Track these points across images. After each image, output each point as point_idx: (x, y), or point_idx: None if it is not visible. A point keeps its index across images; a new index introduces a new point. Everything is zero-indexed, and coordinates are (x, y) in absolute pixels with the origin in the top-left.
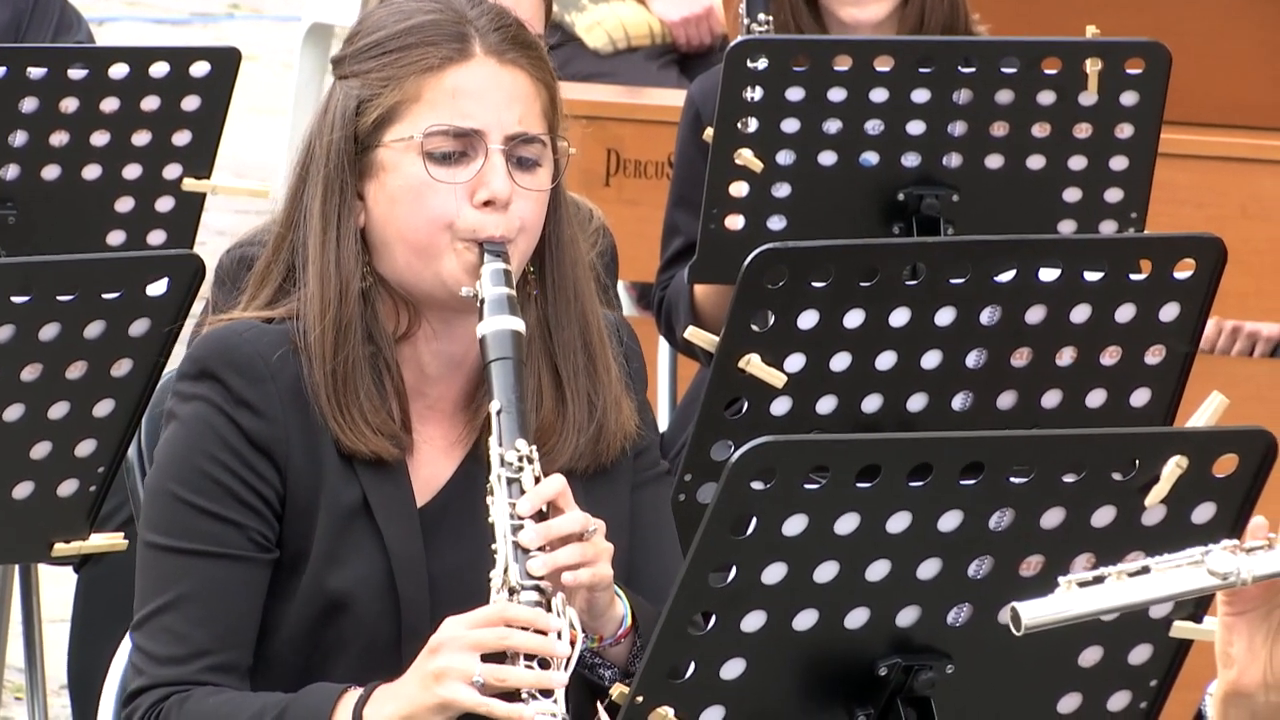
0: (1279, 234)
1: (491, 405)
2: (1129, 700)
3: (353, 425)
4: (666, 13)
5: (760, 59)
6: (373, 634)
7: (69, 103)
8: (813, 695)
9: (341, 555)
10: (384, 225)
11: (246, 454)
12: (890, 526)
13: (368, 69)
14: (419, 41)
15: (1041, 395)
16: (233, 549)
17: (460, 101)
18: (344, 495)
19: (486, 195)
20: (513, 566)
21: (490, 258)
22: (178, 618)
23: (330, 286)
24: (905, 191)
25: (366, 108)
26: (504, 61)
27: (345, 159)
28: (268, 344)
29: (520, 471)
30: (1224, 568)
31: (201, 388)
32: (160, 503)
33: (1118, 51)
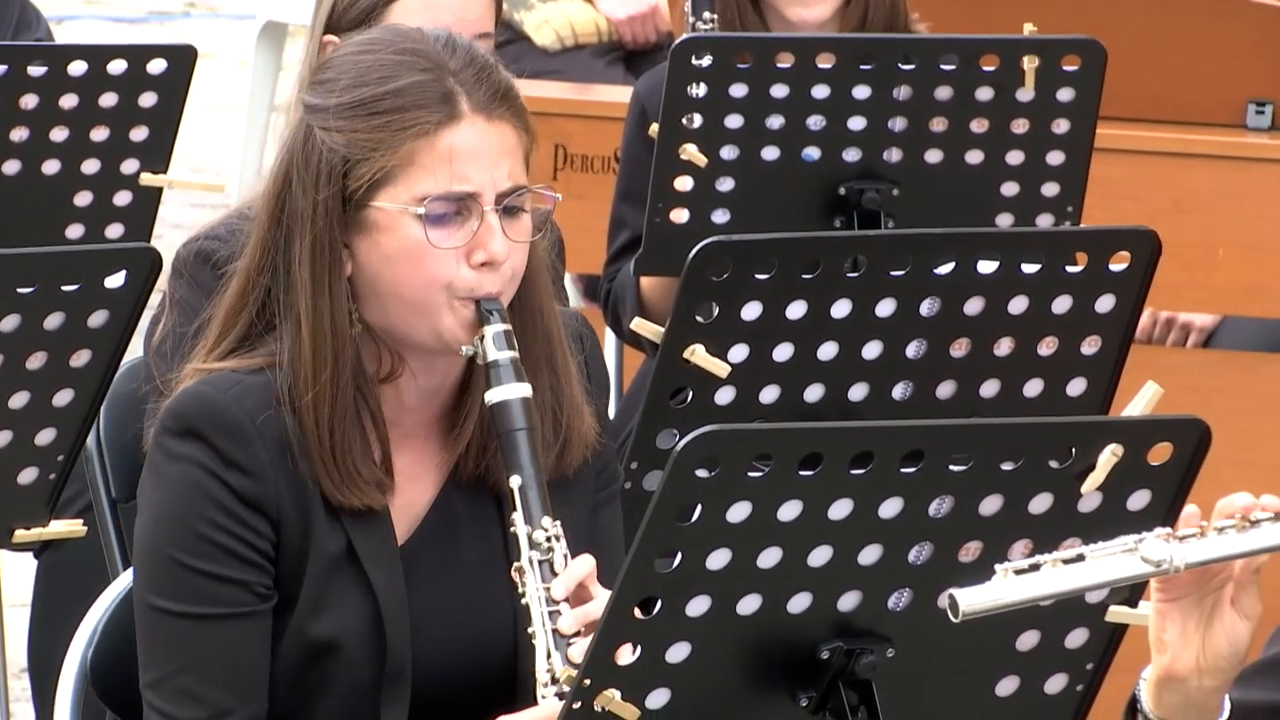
0: (1212, 227)
1: (512, 480)
2: (1065, 683)
3: (349, 482)
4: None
5: (705, 56)
6: (356, 677)
7: (28, 99)
8: (756, 678)
9: (327, 602)
10: (376, 280)
11: (241, 513)
12: (832, 513)
13: (355, 128)
14: (408, 105)
15: (980, 385)
16: (239, 607)
17: (454, 165)
18: (330, 543)
19: (485, 258)
20: (555, 655)
21: (490, 316)
22: (194, 680)
23: (326, 344)
24: (846, 186)
25: (355, 168)
26: (491, 119)
27: (334, 217)
28: (253, 404)
29: (550, 553)
30: (1157, 555)
31: (189, 448)
32: (162, 568)
33: (1054, 49)
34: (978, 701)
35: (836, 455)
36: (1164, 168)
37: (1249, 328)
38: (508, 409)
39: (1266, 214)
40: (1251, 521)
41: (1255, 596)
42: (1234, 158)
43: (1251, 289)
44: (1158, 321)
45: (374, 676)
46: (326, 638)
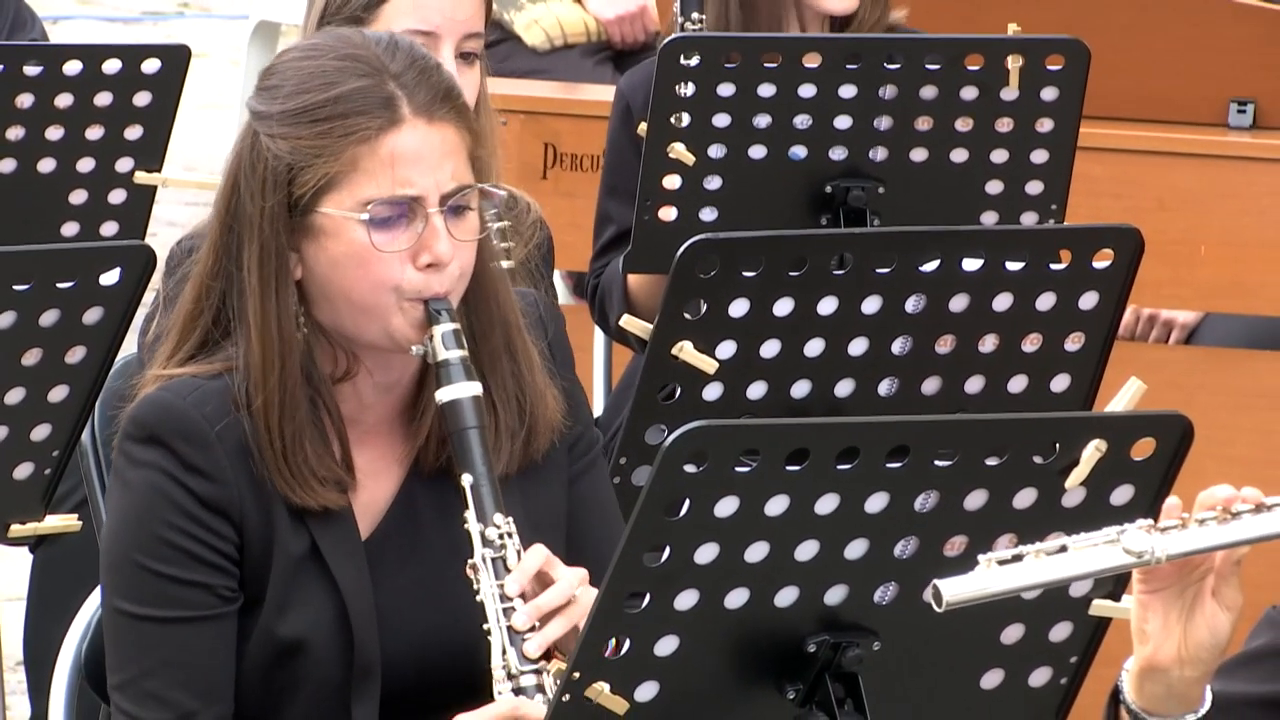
0: (1194, 225)
1: (464, 479)
2: (1050, 676)
3: (303, 483)
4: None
5: (693, 56)
6: (325, 675)
7: (24, 98)
8: (744, 671)
9: (293, 601)
10: (326, 284)
11: (203, 517)
12: (819, 508)
13: (298, 135)
14: (349, 111)
15: (965, 381)
16: (203, 610)
17: (397, 170)
18: (294, 544)
19: (430, 259)
20: (510, 651)
21: (438, 316)
22: (160, 683)
23: (273, 348)
24: (833, 184)
25: (300, 174)
26: (433, 121)
27: (280, 224)
28: (213, 409)
29: (503, 550)
30: (1139, 546)
31: (151, 454)
32: (126, 572)
33: (1038, 48)
34: (963, 694)
35: (823, 450)
36: (1147, 166)
37: (1231, 324)
38: (458, 408)
39: (1248, 212)
40: (1232, 514)
41: (1236, 588)
42: (1216, 156)
43: (1233, 286)
44: (1140, 318)
45: (343, 674)
46: (294, 637)
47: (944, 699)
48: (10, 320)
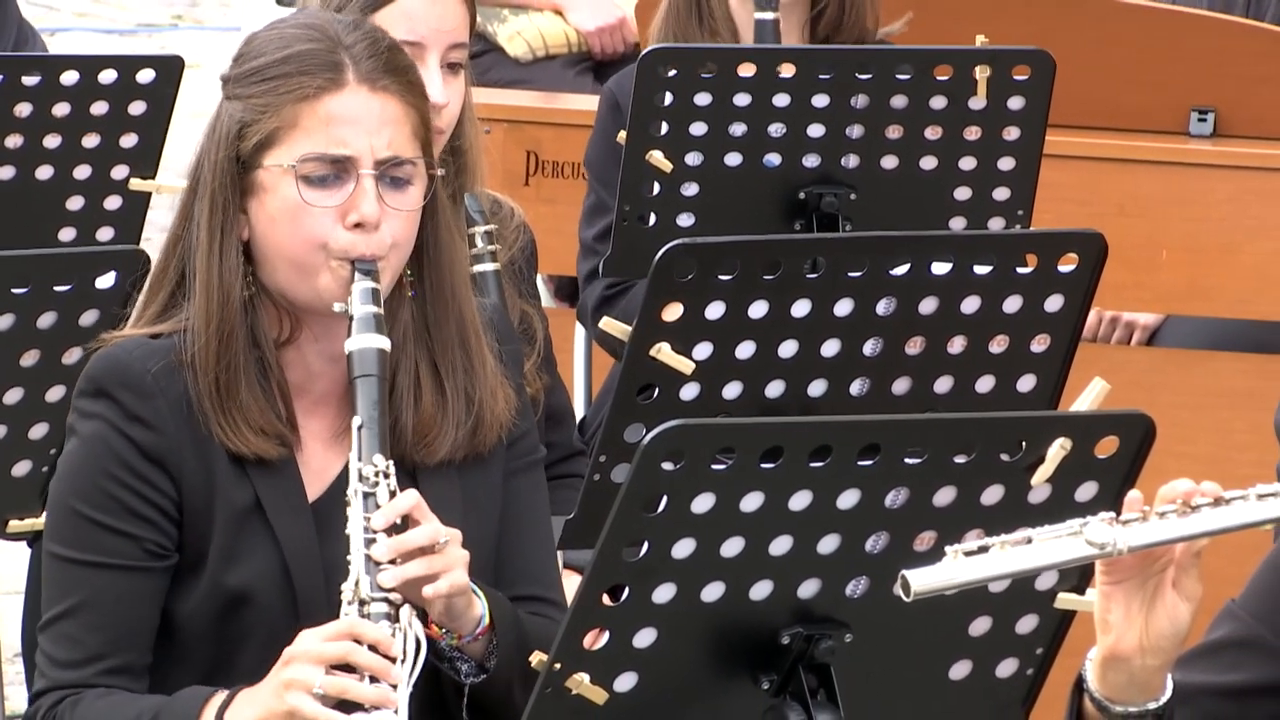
0: (1156, 230)
1: (354, 420)
2: (1016, 667)
3: (235, 429)
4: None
5: (670, 67)
6: (273, 625)
7: (23, 107)
8: (720, 663)
9: (238, 553)
10: (264, 241)
11: (141, 468)
12: (792, 504)
13: (249, 93)
14: (295, 70)
15: (934, 381)
16: (127, 560)
17: (333, 129)
18: (237, 497)
19: (356, 218)
20: (364, 579)
21: (360, 276)
22: (75, 625)
23: (214, 298)
24: (806, 190)
25: (248, 131)
26: (375, 89)
27: (229, 178)
28: (156, 362)
29: (376, 486)
30: (1101, 538)
31: (98, 406)
32: (61, 516)
33: (1005, 59)
34: (932, 684)
35: (796, 448)
36: (1110, 173)
37: (1191, 326)
38: (360, 357)
39: (1208, 217)
40: (1192, 507)
41: (1196, 579)
42: (1177, 163)
43: (1193, 289)
44: (1103, 320)
45: (289, 625)
46: (240, 588)
47: (914, 689)
48: (9, 322)
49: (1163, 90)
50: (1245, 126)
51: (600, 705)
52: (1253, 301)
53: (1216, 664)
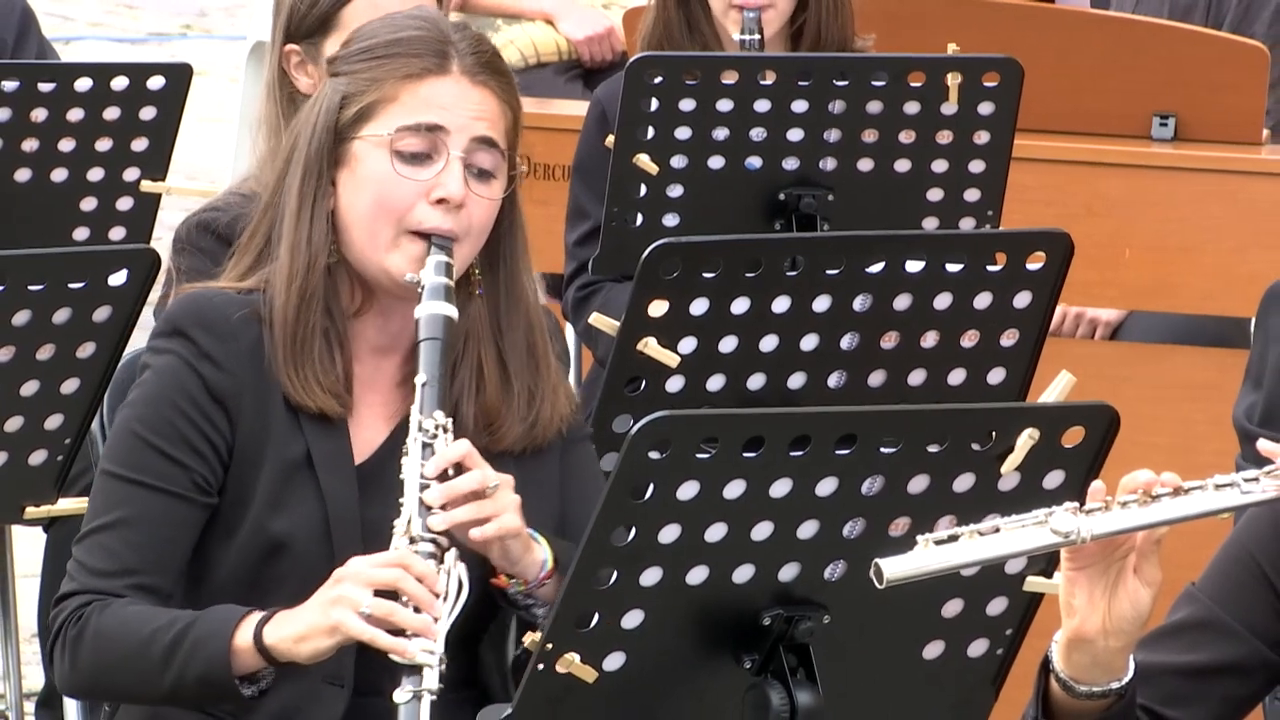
0: (1119, 230)
1: (418, 378)
2: (987, 647)
3: (304, 382)
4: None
5: (657, 74)
6: (307, 575)
7: (39, 112)
8: (704, 643)
9: (283, 502)
10: (348, 210)
11: (204, 403)
12: (773, 491)
13: (355, 69)
14: (404, 52)
15: (908, 374)
16: (175, 487)
17: (432, 109)
18: (289, 448)
19: (442, 194)
20: (415, 520)
21: (435, 250)
22: (114, 537)
23: (299, 260)
24: (786, 192)
25: (349, 102)
26: (475, 81)
27: (325, 147)
28: (235, 308)
29: (434, 439)
30: (1066, 527)
31: (173, 343)
32: (121, 437)
33: (975, 66)
34: (907, 664)
35: (777, 438)
36: (1076, 175)
37: (1153, 322)
38: (429, 322)
39: (1169, 218)
40: (1153, 496)
41: (1156, 565)
42: (1140, 166)
43: (1155, 286)
44: (1068, 316)
45: (324, 577)
46: (281, 535)
47: (889, 668)
48: (26, 318)
49: (1126, 96)
50: (1205, 131)
51: (590, 683)
52: (1212, 297)
53: (1177, 645)
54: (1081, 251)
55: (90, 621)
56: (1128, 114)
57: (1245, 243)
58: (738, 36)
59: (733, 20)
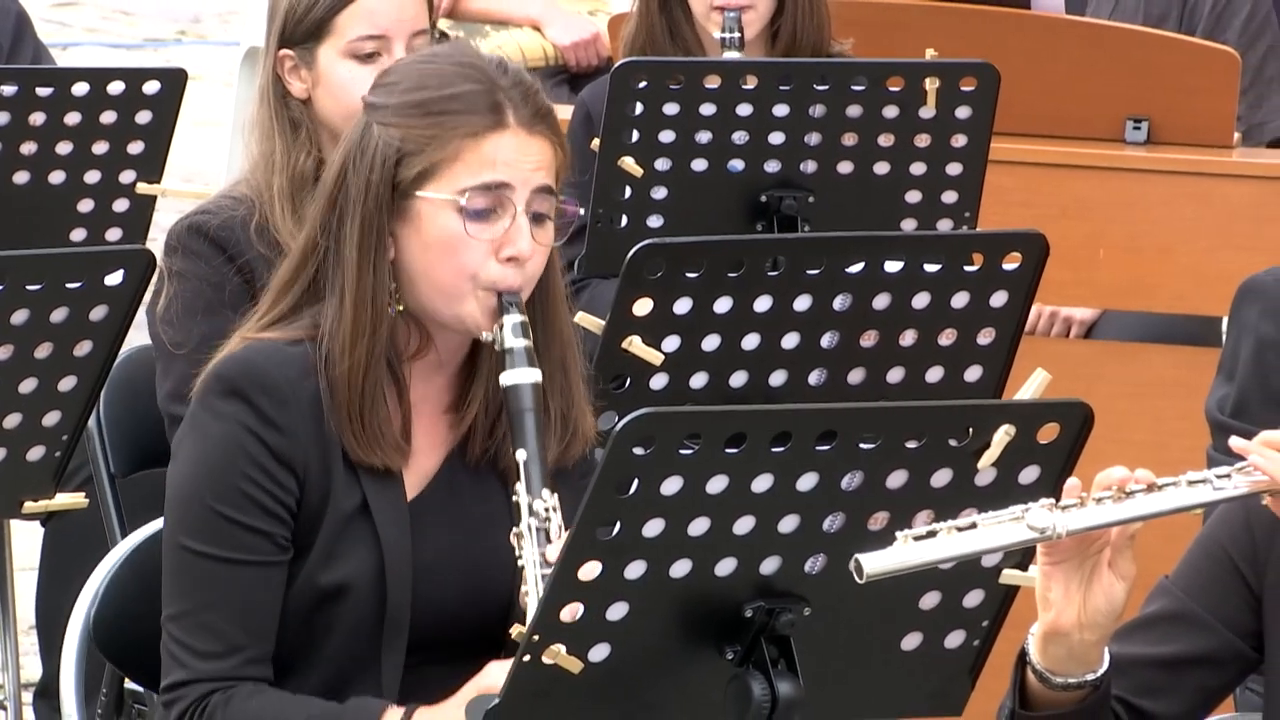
0: (1094, 231)
1: (518, 454)
2: (964, 639)
3: (372, 443)
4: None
5: (641, 78)
6: (359, 620)
7: (36, 116)
8: (687, 634)
9: (338, 553)
10: (413, 264)
11: (273, 469)
12: (755, 486)
13: (410, 124)
14: (462, 109)
15: (887, 372)
16: (263, 556)
17: (496, 167)
18: (346, 499)
19: (512, 252)
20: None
21: (510, 307)
22: (216, 617)
23: (365, 318)
24: (767, 194)
25: (408, 160)
26: (532, 132)
27: (384, 202)
28: (293, 370)
29: (547, 521)
30: (1041, 523)
31: (232, 407)
32: (197, 513)
33: (953, 71)
34: (885, 655)
35: (759, 435)
36: (1051, 177)
37: (1126, 321)
38: (519, 392)
39: (1143, 219)
40: (1126, 493)
41: (1130, 560)
42: (1114, 168)
43: (1129, 286)
44: (1043, 315)
45: (376, 622)
46: (334, 585)
47: (868, 659)
48: (24, 317)
49: (1100, 100)
50: (1177, 134)
51: (576, 674)
52: (1185, 297)
53: (1151, 637)
54: (1057, 252)
55: (218, 716)
56: (1102, 117)
57: (1217, 243)
58: (718, 35)
59: (714, 22)
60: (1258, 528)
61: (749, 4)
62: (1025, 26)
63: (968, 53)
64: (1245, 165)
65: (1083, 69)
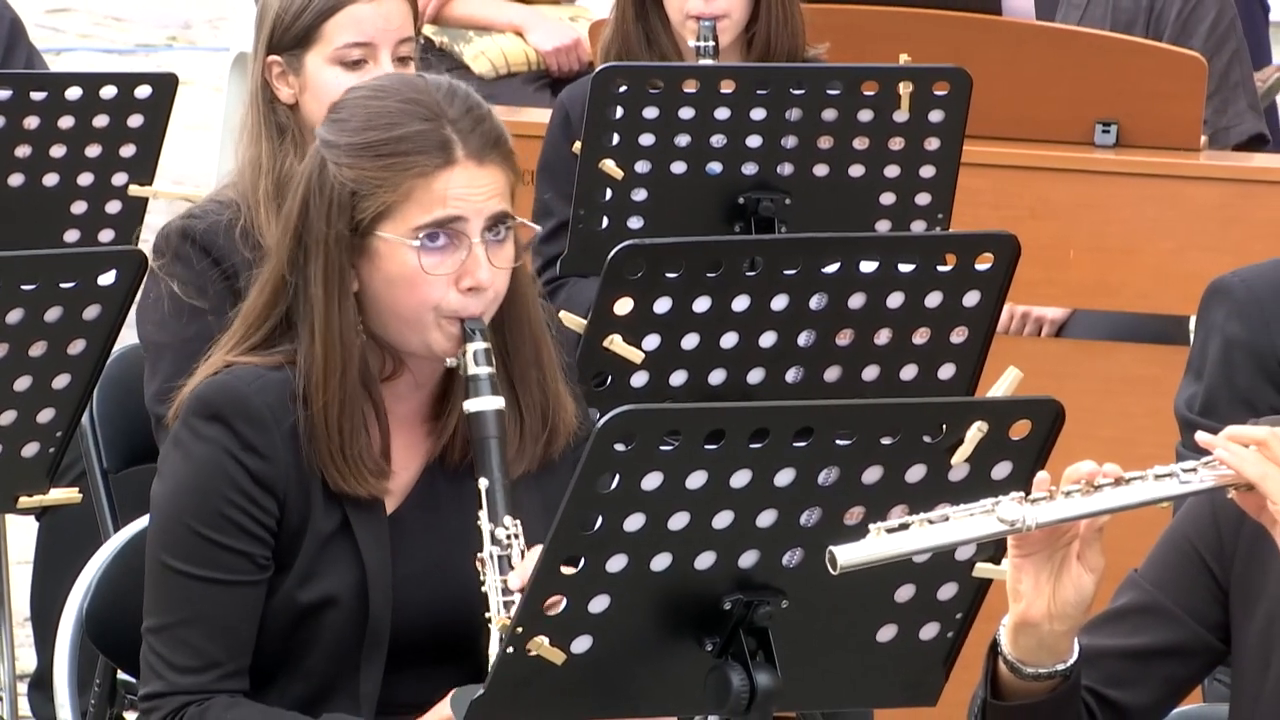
0: (1063, 232)
1: (480, 482)
2: (938, 630)
3: (355, 473)
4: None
5: (621, 83)
6: (339, 635)
7: (31, 120)
8: (668, 626)
9: (319, 572)
10: (377, 298)
11: (253, 492)
12: (734, 482)
13: (362, 167)
14: (409, 150)
15: (862, 370)
16: (241, 575)
17: (448, 203)
18: (326, 521)
19: (471, 284)
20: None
21: (472, 335)
22: (194, 633)
23: (335, 354)
24: (745, 196)
25: (363, 202)
26: (483, 163)
27: (344, 244)
28: (272, 397)
29: (509, 549)
30: (1011, 515)
31: (214, 430)
32: (179, 533)
33: (926, 76)
34: (861, 647)
35: (737, 431)
36: (1022, 180)
37: (1095, 320)
38: (482, 419)
39: (1111, 220)
40: (1095, 486)
41: (1099, 552)
42: (1083, 171)
43: (1098, 285)
44: (1015, 315)
45: (356, 637)
46: (316, 601)
47: (845, 651)
48: (19, 316)
49: (1070, 104)
50: (1145, 137)
51: (559, 665)
52: (1152, 296)
53: (1120, 628)
54: (1028, 253)
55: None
56: (1072, 121)
57: (1184, 244)
58: (693, 43)
59: (690, 30)
60: (1224, 522)
61: (723, 13)
62: (996, 32)
63: (940, 58)
64: (1211, 168)
65: (1052, 74)
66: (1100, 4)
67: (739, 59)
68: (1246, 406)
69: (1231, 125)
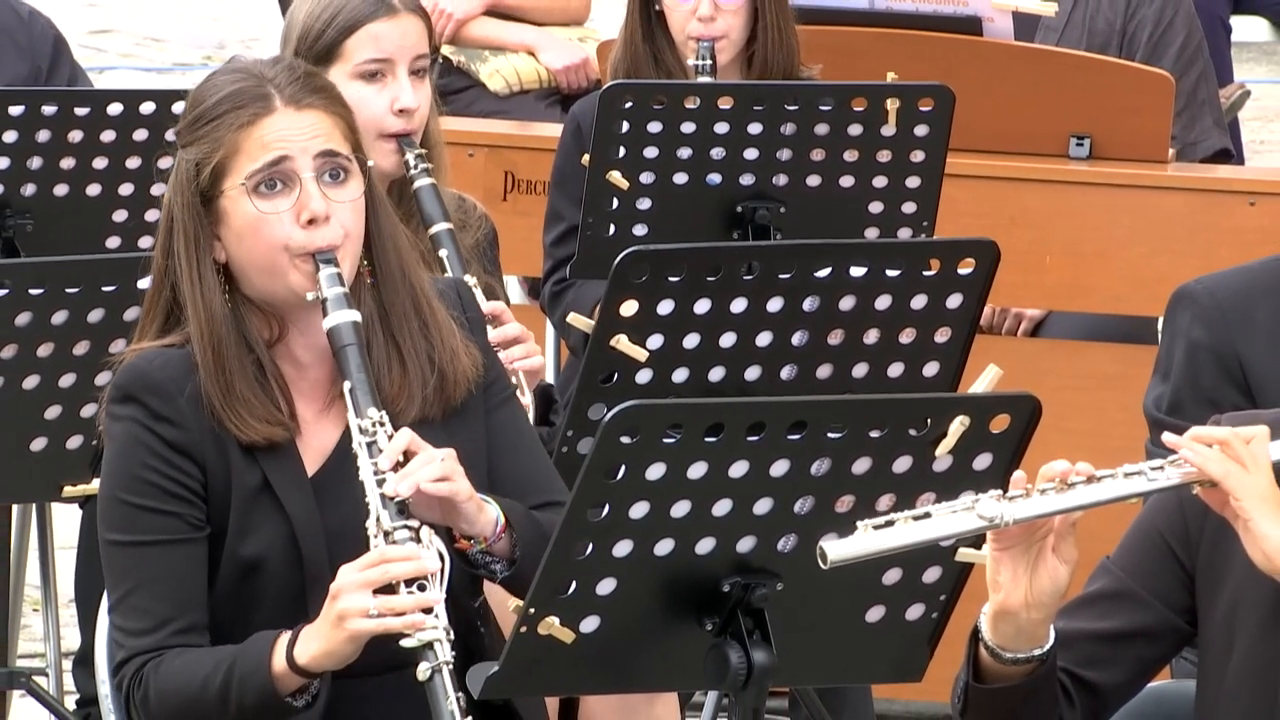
0: (1041, 238)
1: (345, 385)
2: (923, 611)
3: (241, 420)
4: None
5: (628, 100)
6: (282, 587)
7: (75, 134)
8: (670, 607)
9: (250, 527)
10: (238, 257)
11: (170, 457)
12: (732, 472)
13: (197, 137)
14: (231, 107)
15: (852, 367)
16: (175, 534)
17: (271, 145)
18: (248, 479)
19: (308, 215)
20: (383, 514)
21: (323, 265)
22: (143, 597)
23: (202, 316)
24: (742, 205)
25: (202, 168)
26: (301, 106)
27: (196, 213)
28: (174, 370)
29: (374, 436)
30: (990, 513)
31: (127, 409)
32: (112, 507)
33: (912, 93)
34: (851, 626)
35: (735, 425)
36: (1002, 190)
37: (1071, 320)
38: (338, 330)
39: (1085, 227)
40: (1068, 484)
41: (1072, 545)
42: (1058, 181)
43: (1073, 288)
44: (995, 314)
45: (297, 586)
46: (253, 557)
47: (835, 630)
48: (64, 317)
49: (1046, 119)
50: (1117, 150)
51: (569, 644)
52: (1124, 299)
53: (1093, 613)
54: (1007, 258)
55: (150, 682)
56: (1048, 135)
57: (1153, 250)
58: (692, 62)
59: (691, 49)
60: (1190, 512)
61: (722, 34)
62: (978, 52)
63: (925, 76)
64: (1179, 178)
65: (1030, 91)
66: (1076, 26)
67: (738, 77)
68: (1210, 405)
69: (1199, 140)
